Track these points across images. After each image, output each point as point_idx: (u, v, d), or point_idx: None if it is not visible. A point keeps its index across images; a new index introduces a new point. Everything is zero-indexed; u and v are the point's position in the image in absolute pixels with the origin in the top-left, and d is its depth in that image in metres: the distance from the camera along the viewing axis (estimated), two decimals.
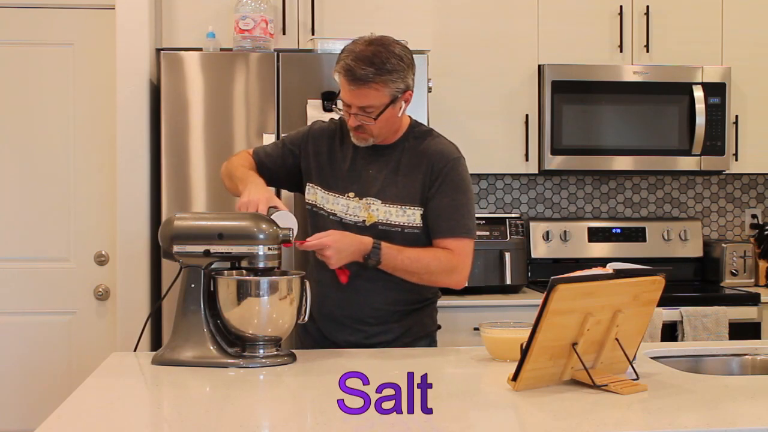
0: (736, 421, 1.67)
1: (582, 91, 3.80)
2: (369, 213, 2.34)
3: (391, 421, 1.64)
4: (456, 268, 2.34)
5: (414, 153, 2.38)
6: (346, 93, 2.27)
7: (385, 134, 2.36)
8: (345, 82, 2.25)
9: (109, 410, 1.74)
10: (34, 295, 3.45)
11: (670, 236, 4.09)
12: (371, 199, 2.35)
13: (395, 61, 2.25)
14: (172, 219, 2.19)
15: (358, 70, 2.21)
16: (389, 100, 2.27)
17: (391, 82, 2.25)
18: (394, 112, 2.31)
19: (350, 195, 2.37)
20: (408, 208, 2.34)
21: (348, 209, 2.36)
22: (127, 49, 3.26)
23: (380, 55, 2.23)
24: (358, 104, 2.26)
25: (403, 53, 2.29)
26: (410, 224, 2.34)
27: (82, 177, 3.47)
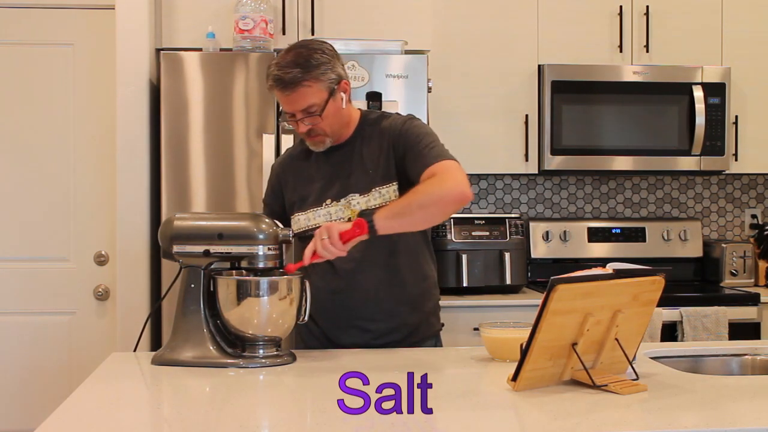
0: (736, 421, 1.67)
1: (582, 91, 3.80)
2: (351, 209, 2.34)
3: (391, 421, 1.64)
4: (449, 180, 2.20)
5: (370, 137, 2.38)
6: (284, 103, 2.28)
7: (337, 130, 2.35)
8: (279, 92, 2.26)
9: (109, 410, 1.74)
10: (34, 295, 3.46)
11: (669, 236, 4.09)
12: (350, 196, 2.35)
13: (318, 56, 2.26)
14: (172, 219, 2.19)
15: (285, 76, 2.22)
16: (327, 94, 2.27)
17: (322, 75, 2.25)
18: (337, 105, 2.30)
19: (327, 202, 2.36)
20: (381, 187, 2.32)
21: (331, 216, 2.35)
22: (127, 49, 3.26)
23: (301, 55, 2.24)
24: (299, 108, 2.26)
25: (323, 47, 2.30)
26: (387, 202, 2.29)
27: (82, 177, 3.47)
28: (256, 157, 3.20)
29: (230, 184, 3.21)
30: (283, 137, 3.19)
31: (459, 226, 3.64)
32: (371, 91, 3.22)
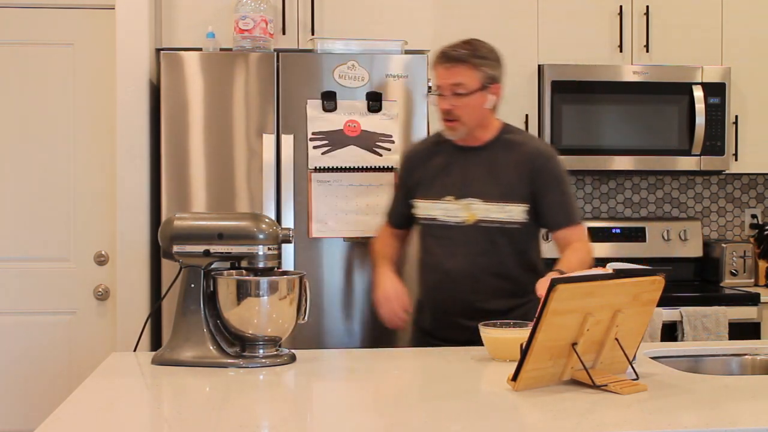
0: (736, 421, 1.67)
1: (582, 91, 3.80)
2: (470, 212, 2.45)
3: (391, 421, 1.64)
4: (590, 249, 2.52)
5: (510, 152, 2.50)
6: (439, 75, 2.44)
7: (473, 125, 2.47)
8: (439, 65, 2.44)
9: (109, 410, 1.74)
10: (34, 295, 3.45)
11: (669, 236, 4.08)
12: (471, 199, 2.46)
13: (487, 51, 2.46)
14: (172, 219, 2.19)
15: (452, 52, 2.43)
16: (479, 84, 2.42)
17: (483, 67, 2.42)
18: (483, 100, 2.44)
19: (447, 198, 2.48)
20: (508, 204, 2.45)
21: (447, 212, 2.47)
22: (127, 49, 3.26)
23: (473, 43, 2.45)
24: (450, 82, 2.41)
25: (493, 48, 2.50)
26: (510, 220, 2.46)
27: (82, 177, 3.47)
28: (256, 157, 3.19)
29: (230, 184, 3.21)
30: (283, 137, 3.19)
31: None
32: (371, 91, 3.22)
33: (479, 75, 2.43)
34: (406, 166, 2.69)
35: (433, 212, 2.50)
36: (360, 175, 3.17)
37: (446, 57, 2.43)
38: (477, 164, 2.50)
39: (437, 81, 2.47)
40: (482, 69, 2.43)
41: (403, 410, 1.79)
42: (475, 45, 2.45)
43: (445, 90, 2.44)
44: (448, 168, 2.53)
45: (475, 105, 2.43)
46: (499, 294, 2.49)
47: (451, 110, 2.43)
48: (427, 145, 2.65)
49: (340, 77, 3.22)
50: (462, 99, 2.42)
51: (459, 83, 2.41)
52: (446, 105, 2.43)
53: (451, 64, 2.42)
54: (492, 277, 2.48)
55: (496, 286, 2.49)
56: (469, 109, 2.43)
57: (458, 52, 2.42)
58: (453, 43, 2.47)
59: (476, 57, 2.43)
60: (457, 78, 2.41)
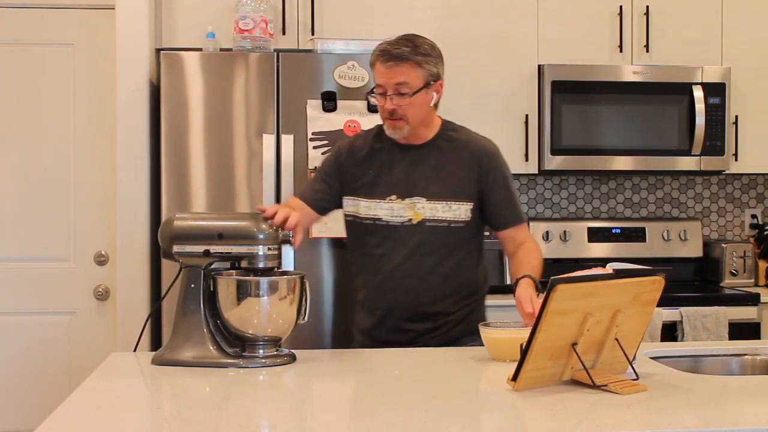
0: (736, 421, 1.67)
1: (582, 91, 3.80)
2: (415, 211, 2.40)
3: (391, 421, 1.64)
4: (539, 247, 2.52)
5: (454, 149, 2.46)
6: (381, 75, 2.36)
7: (417, 123, 2.41)
8: (380, 64, 2.35)
9: (109, 410, 1.74)
10: (34, 295, 3.46)
11: (669, 236, 4.08)
12: (416, 198, 2.40)
13: (428, 47, 2.38)
14: (172, 219, 2.19)
15: (393, 50, 2.33)
16: (423, 82, 2.35)
17: (425, 64, 2.35)
18: (427, 99, 2.38)
19: (392, 197, 2.42)
20: (454, 203, 2.41)
21: (392, 211, 2.41)
22: (127, 49, 3.26)
23: (414, 39, 2.37)
24: (394, 81, 2.33)
25: (434, 44, 2.42)
26: (456, 219, 2.41)
27: (82, 177, 3.48)
28: (256, 157, 3.19)
29: (230, 184, 3.21)
30: (283, 137, 3.19)
31: None
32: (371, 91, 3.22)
33: (423, 73, 2.35)
34: (341, 159, 2.52)
35: (377, 212, 2.42)
36: None
37: (388, 55, 2.33)
38: (421, 163, 2.44)
39: (379, 80, 2.37)
40: (425, 67, 2.35)
41: (403, 410, 1.79)
42: (417, 41, 2.36)
43: (389, 89, 2.34)
44: (391, 167, 2.45)
45: (419, 103, 2.37)
46: (445, 294, 2.45)
47: (396, 110, 2.36)
48: (368, 142, 2.53)
49: (340, 77, 3.22)
50: (406, 98, 2.34)
51: (403, 82, 2.33)
52: (390, 105, 2.35)
53: (394, 62, 2.32)
54: (438, 277, 2.43)
55: (442, 286, 2.44)
56: (414, 107, 2.36)
57: (401, 50, 2.33)
58: (393, 39, 2.37)
59: (419, 54, 2.34)
60: (401, 77, 2.33)
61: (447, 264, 2.44)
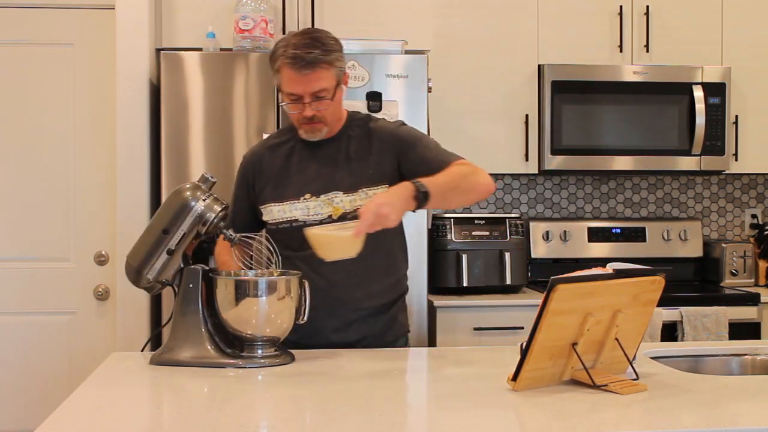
0: (736, 421, 1.67)
1: (582, 91, 3.80)
2: (334, 206, 2.31)
3: (391, 421, 1.64)
4: (478, 169, 2.30)
5: (363, 135, 2.37)
6: (296, 83, 2.24)
7: (333, 121, 2.35)
8: (293, 72, 2.23)
9: (109, 410, 1.74)
10: (34, 295, 3.45)
11: (670, 236, 4.09)
12: (332, 193, 2.32)
13: (332, 42, 2.29)
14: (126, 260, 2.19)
15: (306, 56, 2.21)
16: (336, 81, 2.28)
17: (336, 62, 2.27)
18: (341, 94, 2.32)
19: (306, 197, 2.33)
20: (371, 189, 2.31)
21: (308, 210, 2.32)
22: (127, 49, 3.26)
23: (319, 38, 2.26)
24: (312, 90, 2.24)
25: (333, 36, 2.33)
26: None
27: (82, 177, 3.47)
28: None
29: (230, 184, 3.20)
30: None
31: (459, 226, 3.64)
32: (371, 91, 3.22)
33: (335, 72, 2.26)
34: (247, 173, 2.42)
35: (293, 213, 2.32)
36: None
37: (302, 61, 2.21)
38: (331, 156, 2.35)
39: (293, 88, 2.25)
40: (336, 64, 2.26)
41: (404, 410, 1.79)
42: (322, 39, 2.25)
43: (306, 96, 2.24)
44: (301, 166, 2.36)
45: (335, 102, 2.30)
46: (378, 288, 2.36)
47: (315, 115, 2.28)
48: (270, 147, 2.44)
49: None
50: (326, 102, 2.27)
51: (322, 89, 2.24)
52: (309, 112, 2.26)
53: (309, 69, 2.21)
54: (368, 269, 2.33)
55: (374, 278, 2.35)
56: (332, 108, 2.29)
57: (312, 54, 2.21)
58: (299, 42, 2.23)
59: (329, 54, 2.24)
60: (319, 84, 2.23)
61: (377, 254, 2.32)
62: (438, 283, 3.60)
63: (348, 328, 2.35)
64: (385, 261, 2.40)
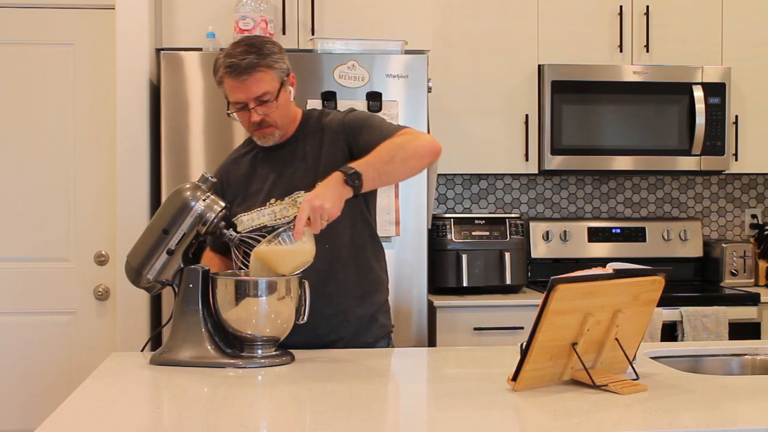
0: (736, 421, 1.67)
1: (582, 91, 3.80)
2: (297, 206, 2.28)
3: (392, 421, 1.64)
4: (421, 135, 2.26)
5: (315, 132, 2.37)
6: (237, 91, 2.25)
7: (286, 123, 2.34)
8: (232, 80, 2.23)
9: (108, 410, 1.74)
10: (34, 295, 3.45)
11: (670, 236, 4.09)
12: (295, 194, 2.31)
13: (269, 45, 2.28)
14: (126, 260, 2.19)
15: (241, 62, 2.22)
16: (279, 83, 2.27)
17: (275, 64, 2.26)
18: (287, 96, 2.31)
19: (272, 201, 2.32)
20: None
21: (275, 215, 2.31)
22: (127, 49, 3.26)
23: (254, 45, 2.26)
24: (253, 95, 2.24)
25: (271, 39, 2.34)
26: None
27: (82, 177, 3.47)
28: None
29: None
30: None
31: (459, 226, 3.64)
32: (371, 91, 3.22)
33: (276, 74, 2.26)
34: (217, 190, 2.35)
35: (261, 220, 2.32)
36: None
37: (238, 69, 2.21)
38: (290, 158, 2.35)
39: (235, 96, 2.25)
40: (276, 66, 2.26)
41: (404, 410, 1.79)
42: (257, 44, 2.26)
43: (250, 102, 2.24)
44: (263, 173, 2.37)
45: (283, 104, 2.29)
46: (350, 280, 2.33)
47: (263, 119, 2.28)
48: (233, 160, 2.44)
49: (340, 77, 3.22)
50: (271, 105, 2.26)
51: (264, 92, 2.24)
52: (257, 117, 2.26)
53: (247, 75, 2.21)
54: (334, 262, 2.30)
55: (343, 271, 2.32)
56: (280, 110, 2.29)
57: (248, 60, 2.21)
58: (234, 51, 2.24)
59: (266, 56, 2.24)
60: (259, 88, 2.23)
61: (347, 246, 2.32)
62: (438, 283, 3.60)
63: (323, 327, 2.31)
64: (351, 252, 2.35)
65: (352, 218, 2.31)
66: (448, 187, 4.13)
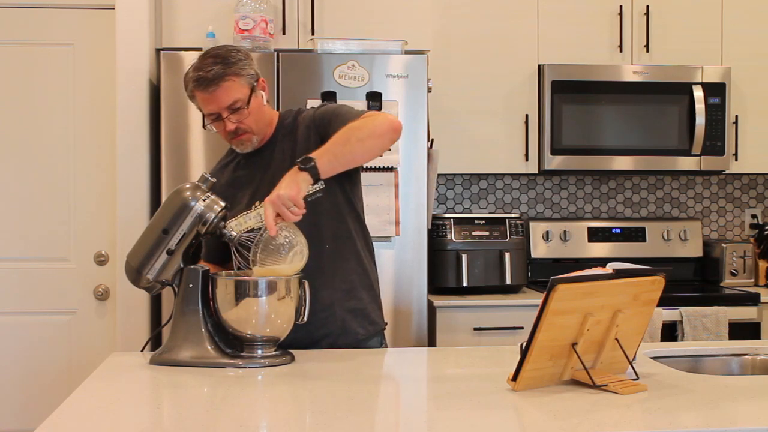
0: (736, 421, 1.67)
1: (582, 91, 3.80)
2: None
3: (392, 421, 1.64)
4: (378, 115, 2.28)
5: (291, 132, 2.38)
6: (208, 102, 2.27)
7: (262, 127, 2.35)
8: (202, 92, 2.25)
9: (108, 410, 1.74)
10: (34, 295, 3.46)
11: (670, 236, 4.09)
12: None
13: (234, 53, 2.29)
14: (126, 261, 2.18)
15: (208, 74, 2.23)
16: (249, 89, 2.28)
17: (242, 70, 2.26)
18: (259, 101, 2.32)
19: (256, 204, 2.28)
20: None
21: (261, 217, 2.26)
22: (127, 49, 3.26)
23: (219, 55, 2.27)
24: (225, 104, 2.26)
25: (236, 47, 2.35)
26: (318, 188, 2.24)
27: (82, 177, 3.48)
28: None
29: None
30: None
31: (459, 226, 3.64)
32: (371, 91, 3.22)
33: (244, 80, 2.27)
34: None
35: (248, 224, 2.27)
36: None
37: (206, 81, 2.23)
38: (270, 161, 2.36)
39: (208, 108, 2.28)
40: (243, 73, 2.27)
41: (403, 410, 1.79)
42: (222, 54, 2.27)
43: (222, 112, 2.26)
44: (246, 178, 2.38)
45: (256, 109, 2.30)
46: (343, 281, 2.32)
47: (238, 126, 2.29)
48: (218, 170, 2.45)
49: (340, 77, 3.22)
50: (244, 112, 2.28)
51: (234, 100, 2.25)
52: (231, 125, 2.28)
53: (214, 86, 2.23)
54: (329, 258, 2.30)
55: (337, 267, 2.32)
56: (253, 115, 2.30)
57: (215, 71, 2.22)
58: (201, 64, 2.26)
59: (230, 65, 2.25)
60: (229, 97, 2.25)
61: (336, 244, 2.32)
62: (438, 283, 3.60)
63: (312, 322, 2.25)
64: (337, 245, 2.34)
65: (336, 210, 2.34)
66: (448, 187, 4.13)
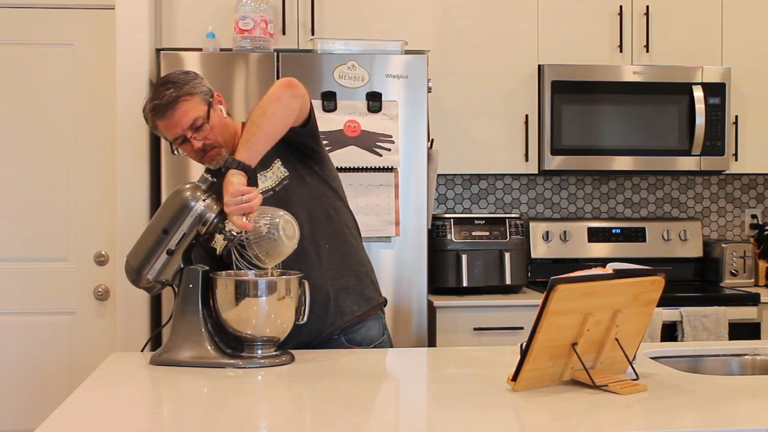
0: (736, 421, 1.67)
1: (582, 91, 3.80)
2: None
3: (392, 421, 1.64)
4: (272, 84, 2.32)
5: None
6: (170, 127, 2.28)
7: (228, 139, 2.35)
8: (161, 120, 2.27)
9: (108, 410, 1.74)
10: (34, 295, 3.46)
11: (669, 236, 4.09)
12: None
13: (183, 75, 2.32)
14: (126, 261, 2.19)
15: (162, 101, 2.25)
16: (206, 105, 2.29)
17: (194, 89, 2.29)
18: (219, 114, 2.33)
19: None
20: (265, 172, 2.35)
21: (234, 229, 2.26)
22: (127, 49, 3.26)
23: (168, 79, 2.30)
24: (186, 125, 2.27)
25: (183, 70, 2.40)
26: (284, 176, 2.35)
27: (81, 177, 3.48)
28: None
29: None
30: None
31: (459, 226, 3.64)
32: (371, 92, 3.22)
33: (199, 98, 2.28)
34: None
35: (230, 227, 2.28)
36: (360, 175, 3.17)
37: (162, 108, 2.26)
38: None
39: (171, 133, 2.29)
40: (195, 92, 2.28)
41: (403, 410, 1.79)
42: (171, 79, 2.31)
43: (186, 133, 2.27)
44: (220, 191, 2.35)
45: (217, 123, 2.31)
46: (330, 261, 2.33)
47: (204, 143, 2.29)
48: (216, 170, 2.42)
49: (340, 77, 3.22)
50: (206, 127, 2.28)
51: (193, 119, 2.26)
52: (198, 143, 2.29)
53: (171, 110, 2.25)
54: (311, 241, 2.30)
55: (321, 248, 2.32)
56: (217, 129, 2.30)
57: (168, 95, 2.25)
58: (153, 93, 2.31)
59: (182, 86, 2.27)
60: (188, 117, 2.26)
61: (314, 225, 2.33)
62: (438, 283, 3.60)
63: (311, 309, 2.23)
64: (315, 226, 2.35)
65: (310, 191, 2.36)
66: (448, 187, 4.13)
